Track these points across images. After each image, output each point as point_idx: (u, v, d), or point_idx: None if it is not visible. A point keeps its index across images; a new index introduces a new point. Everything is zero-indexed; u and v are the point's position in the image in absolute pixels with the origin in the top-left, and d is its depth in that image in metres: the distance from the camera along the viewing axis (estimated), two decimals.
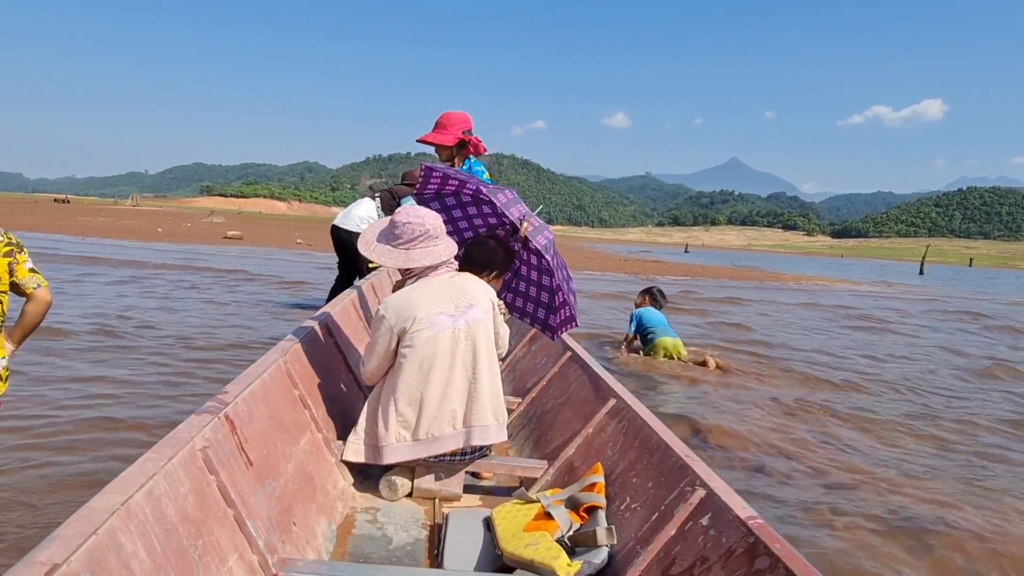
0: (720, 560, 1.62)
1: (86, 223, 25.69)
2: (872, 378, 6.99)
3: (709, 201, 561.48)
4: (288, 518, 1.98)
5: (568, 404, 3.15)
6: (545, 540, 2.00)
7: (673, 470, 2.05)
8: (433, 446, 2.47)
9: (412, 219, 2.52)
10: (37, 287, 2.38)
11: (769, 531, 1.58)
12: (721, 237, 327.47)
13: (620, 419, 2.61)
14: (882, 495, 3.59)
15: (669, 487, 2.00)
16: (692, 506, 1.85)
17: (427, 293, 2.51)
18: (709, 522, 1.76)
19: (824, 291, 20.20)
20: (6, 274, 2.27)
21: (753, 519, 1.64)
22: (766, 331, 9.85)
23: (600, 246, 59.18)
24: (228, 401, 1.96)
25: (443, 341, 2.47)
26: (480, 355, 2.52)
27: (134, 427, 3.66)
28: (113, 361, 5.11)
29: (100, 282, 9.73)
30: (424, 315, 2.46)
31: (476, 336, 2.52)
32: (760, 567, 1.50)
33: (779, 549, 1.49)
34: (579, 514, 2.18)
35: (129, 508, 1.30)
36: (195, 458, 1.64)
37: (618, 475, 2.32)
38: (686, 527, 1.82)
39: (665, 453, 2.16)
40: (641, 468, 2.23)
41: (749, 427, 4.64)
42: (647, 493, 2.09)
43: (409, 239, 2.52)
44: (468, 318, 2.51)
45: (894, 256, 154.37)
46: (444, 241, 2.61)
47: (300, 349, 2.76)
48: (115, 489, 1.33)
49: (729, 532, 1.66)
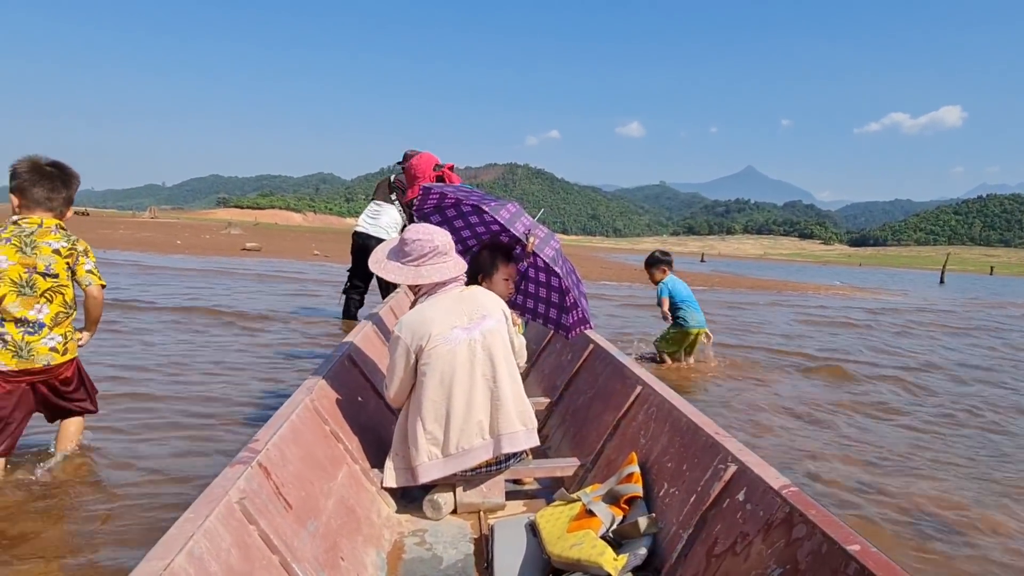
0: (760, 533, 1.64)
1: (106, 235, 25.95)
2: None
3: (724, 210, 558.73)
4: (335, 554, 2.00)
5: (597, 397, 3.17)
6: (589, 538, 2.02)
7: (704, 449, 2.07)
8: (464, 459, 2.50)
9: (421, 236, 2.57)
10: (89, 284, 2.98)
11: (804, 498, 1.59)
12: (737, 246, 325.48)
13: (648, 405, 2.63)
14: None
15: (703, 467, 2.02)
16: (726, 482, 1.86)
17: (440, 309, 2.55)
18: (745, 496, 1.77)
19: (849, 300, 19.93)
20: (67, 273, 2.92)
21: (787, 488, 1.65)
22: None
23: (615, 256, 58.87)
24: (259, 448, 1.98)
25: (460, 354, 2.50)
26: (499, 363, 2.54)
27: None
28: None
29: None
30: (439, 331, 2.50)
31: (492, 345, 2.54)
32: (798, 535, 1.51)
33: (815, 515, 1.50)
34: (620, 506, 2.19)
35: (172, 572, 1.32)
36: (232, 511, 1.66)
37: (653, 462, 2.34)
38: (723, 504, 1.84)
39: (695, 433, 2.18)
40: (674, 451, 2.25)
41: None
42: (683, 476, 2.11)
43: (419, 256, 2.57)
44: (482, 329, 2.54)
45: (913, 265, 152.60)
46: (453, 257, 2.65)
47: (325, 384, 2.78)
48: (156, 555, 1.35)
49: (765, 504, 1.68)
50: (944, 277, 45.52)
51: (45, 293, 2.85)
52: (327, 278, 14.63)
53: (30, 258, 2.81)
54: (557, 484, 2.81)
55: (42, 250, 2.84)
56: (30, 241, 2.82)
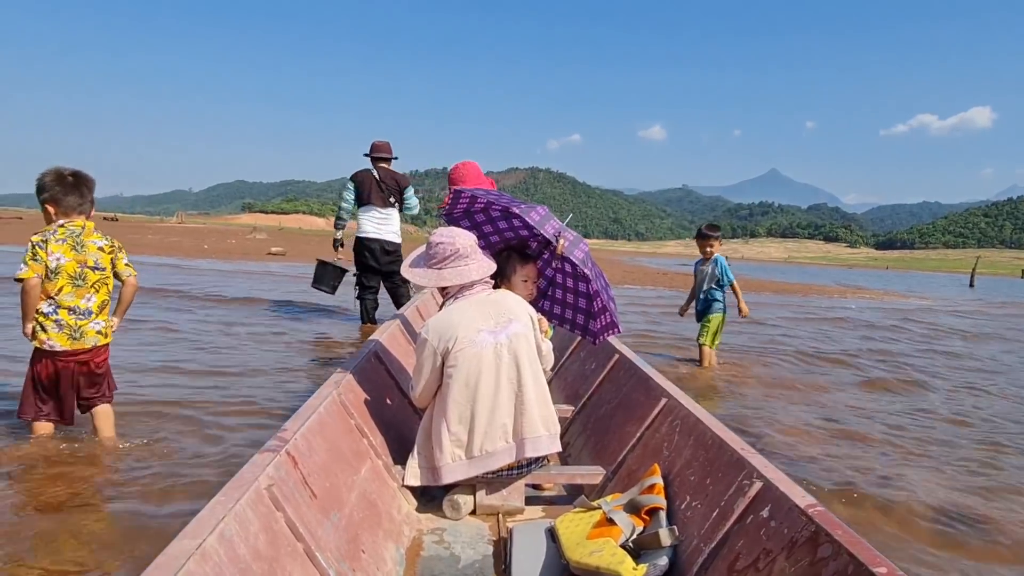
0: (784, 551, 1.62)
1: (136, 240, 26.40)
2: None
3: (748, 213, 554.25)
4: (356, 546, 2.03)
5: (621, 407, 3.17)
6: (609, 546, 2.01)
7: (729, 464, 2.06)
8: (488, 462, 2.52)
9: (444, 239, 2.62)
10: (129, 275, 3.46)
11: (830, 518, 1.58)
12: (761, 249, 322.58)
13: (673, 418, 2.63)
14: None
15: (727, 482, 2.01)
16: (751, 499, 1.85)
17: (466, 312, 2.58)
18: (769, 513, 1.76)
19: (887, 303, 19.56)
20: (111, 266, 3.40)
21: (813, 507, 1.64)
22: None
23: (638, 260, 58.66)
24: (288, 438, 2.02)
25: (486, 357, 2.52)
26: (524, 368, 2.56)
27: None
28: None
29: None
30: (465, 334, 2.52)
31: (518, 349, 2.56)
32: (823, 555, 1.50)
33: (841, 535, 1.49)
34: (641, 517, 2.18)
35: (204, 551, 1.36)
36: (262, 497, 1.70)
37: (676, 474, 2.33)
38: (747, 520, 1.82)
39: (720, 448, 2.17)
40: (698, 465, 2.24)
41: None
42: (706, 490, 2.10)
43: (441, 259, 2.62)
44: (509, 332, 2.56)
45: (942, 268, 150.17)
46: (477, 260, 2.67)
47: (352, 379, 2.84)
48: (189, 534, 1.39)
49: (790, 522, 1.66)
50: (974, 280, 44.70)
51: (94, 284, 3.31)
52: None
53: (81, 255, 3.27)
54: (577, 492, 2.81)
55: (89, 248, 3.30)
56: (80, 241, 3.27)
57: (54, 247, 3.20)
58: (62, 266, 3.20)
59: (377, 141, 7.60)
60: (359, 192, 7.42)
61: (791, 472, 3.10)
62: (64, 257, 3.21)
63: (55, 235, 3.21)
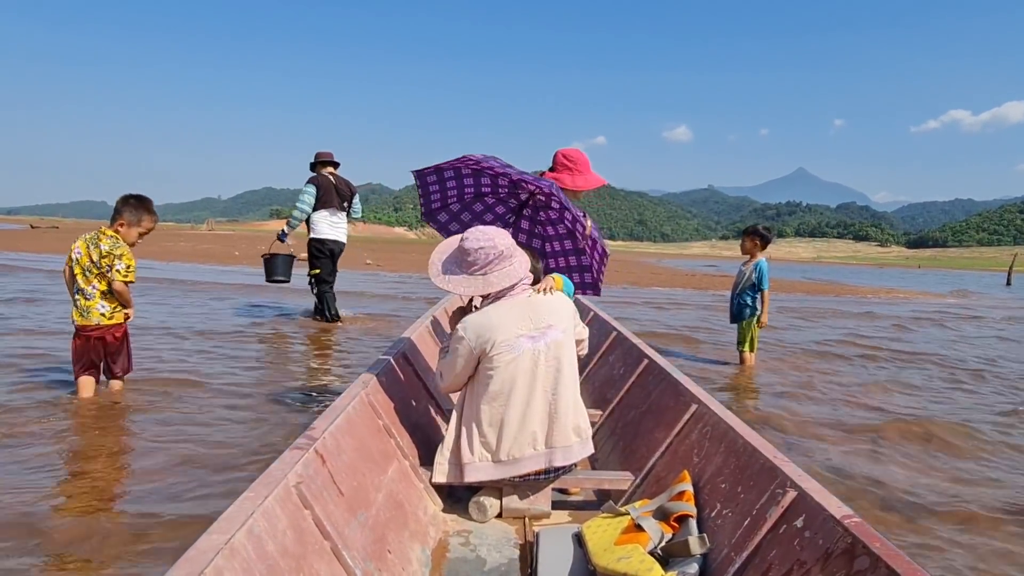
0: (819, 563, 1.58)
1: (168, 248, 26.86)
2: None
3: (775, 213, 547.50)
4: (383, 546, 2.03)
5: (650, 412, 3.14)
6: (638, 553, 1.98)
7: (762, 472, 2.02)
8: (514, 467, 2.50)
9: (484, 243, 2.48)
10: (113, 280, 4.16)
11: (867, 529, 1.54)
12: (789, 249, 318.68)
13: (703, 424, 2.59)
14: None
15: (759, 490, 1.97)
16: (784, 508, 1.81)
17: (506, 315, 2.51)
18: (803, 524, 1.72)
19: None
20: (106, 266, 4.15)
21: (849, 518, 1.60)
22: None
23: (665, 262, 58.19)
24: (316, 436, 2.03)
25: (524, 363, 2.48)
26: (563, 376, 2.52)
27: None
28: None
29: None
30: (504, 338, 2.48)
31: (558, 357, 2.52)
32: (860, 567, 1.46)
33: (879, 548, 1.45)
34: (669, 524, 2.15)
35: (232, 547, 1.37)
36: (290, 494, 1.71)
37: (706, 481, 2.29)
38: (780, 530, 1.78)
39: (752, 456, 2.13)
40: (729, 473, 2.20)
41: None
42: (737, 498, 2.06)
43: (484, 264, 2.49)
44: (548, 340, 2.51)
45: (975, 267, 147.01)
46: (518, 257, 2.57)
47: (381, 380, 2.85)
48: (218, 530, 1.40)
49: (825, 533, 1.62)
50: (1011, 279, 43.63)
51: (96, 275, 4.17)
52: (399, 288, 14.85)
53: (92, 253, 4.16)
54: (604, 497, 2.78)
55: (98, 248, 4.15)
56: (96, 241, 4.18)
57: (79, 244, 4.20)
58: (79, 259, 4.16)
59: (323, 150, 8.08)
60: (319, 195, 7.80)
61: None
62: (82, 252, 4.17)
63: (86, 236, 4.23)
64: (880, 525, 2.96)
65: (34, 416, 3.82)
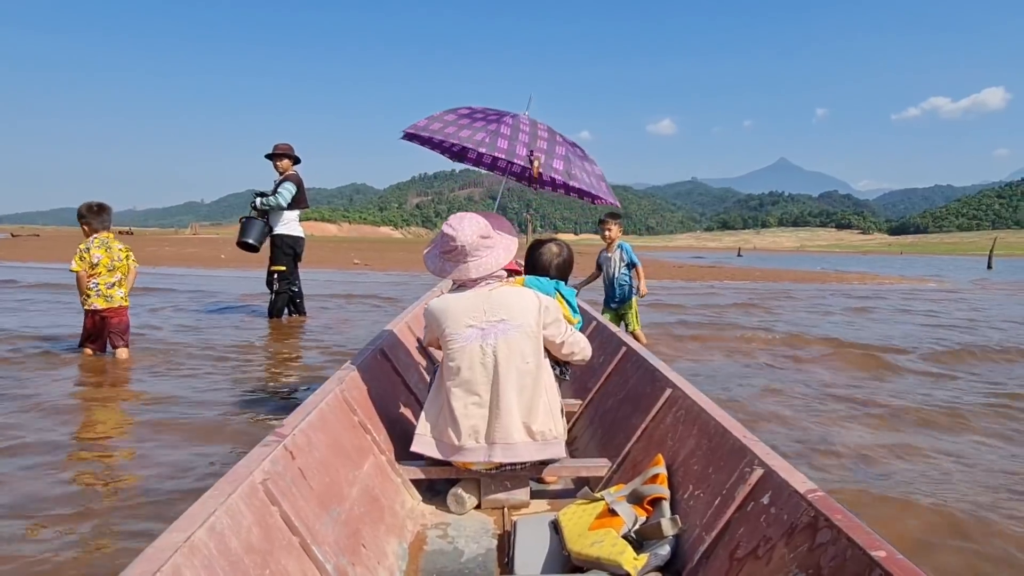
0: (783, 537, 1.60)
1: (153, 253, 26.65)
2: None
3: (758, 203, 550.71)
4: (356, 541, 2.02)
5: (627, 400, 3.15)
6: (610, 537, 2.00)
7: (732, 453, 2.04)
8: (456, 454, 2.50)
9: (448, 231, 2.50)
10: (134, 266, 5.78)
11: (830, 503, 1.55)
12: (773, 239, 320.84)
13: (678, 407, 2.60)
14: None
15: (729, 470, 1.99)
16: (752, 486, 1.83)
17: (460, 304, 2.52)
18: (769, 500, 1.73)
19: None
20: (126, 260, 5.67)
21: (813, 492, 1.61)
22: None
23: (651, 254, 58.41)
24: (286, 433, 2.02)
25: (472, 354, 2.48)
26: (507, 372, 2.46)
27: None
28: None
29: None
30: (452, 328, 2.50)
31: (505, 352, 2.47)
32: (823, 540, 1.48)
33: (840, 520, 1.47)
34: (643, 507, 2.16)
35: (192, 544, 1.36)
36: (256, 491, 1.70)
37: (679, 464, 2.31)
38: (748, 508, 1.80)
39: (723, 437, 2.14)
40: (701, 454, 2.22)
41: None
42: (708, 479, 2.08)
43: (447, 251, 2.53)
44: (498, 333, 2.48)
45: (956, 251, 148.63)
46: (482, 257, 2.53)
47: (357, 376, 2.84)
48: (179, 528, 1.39)
49: (790, 508, 1.64)
50: (992, 262, 44.18)
51: (118, 269, 5.56)
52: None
53: (109, 255, 5.52)
54: (583, 484, 2.78)
55: (114, 250, 5.56)
56: (109, 245, 5.54)
57: (95, 251, 5.44)
58: (100, 262, 5.44)
59: (285, 143, 7.92)
60: (296, 196, 7.72)
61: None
62: (100, 256, 5.45)
63: (93, 244, 5.46)
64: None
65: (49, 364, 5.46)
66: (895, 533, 2.71)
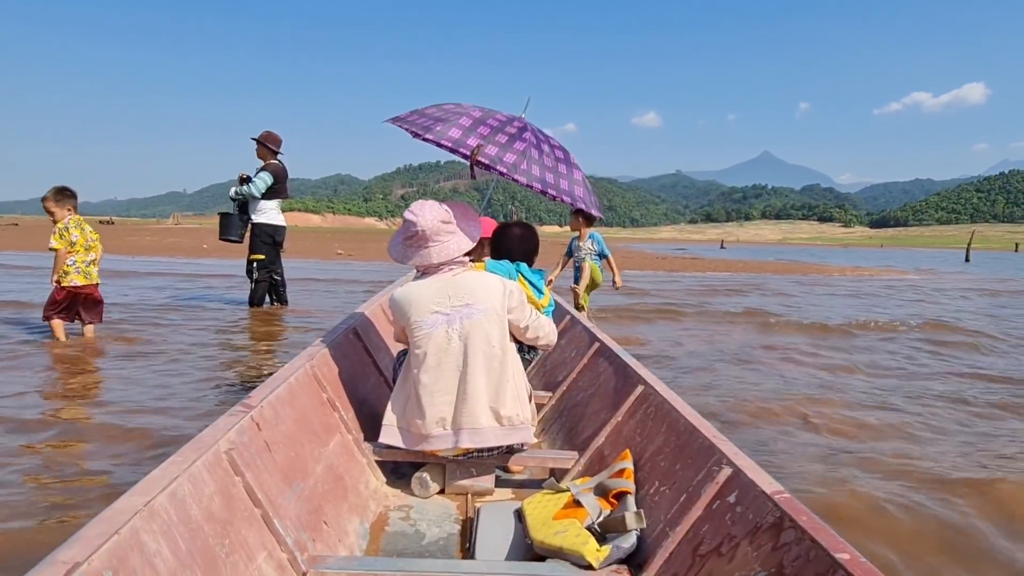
0: (747, 536, 1.61)
1: (133, 243, 26.33)
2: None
3: (742, 196, 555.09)
4: (319, 517, 2.01)
5: (598, 394, 3.15)
6: (574, 527, 2.00)
7: (700, 451, 2.04)
8: (424, 442, 2.47)
9: (408, 217, 2.50)
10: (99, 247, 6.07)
11: (795, 504, 1.56)
12: (756, 232, 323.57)
13: (648, 405, 2.60)
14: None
15: (696, 468, 1.99)
16: (719, 485, 1.83)
17: (424, 291, 2.50)
18: (736, 499, 1.74)
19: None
20: (96, 238, 5.96)
21: (779, 493, 1.62)
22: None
23: (635, 246, 58.80)
24: (254, 405, 2.00)
25: (437, 340, 2.46)
26: (474, 356, 2.44)
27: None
28: None
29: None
30: (417, 316, 2.47)
31: (470, 336, 2.45)
32: (786, 540, 1.48)
33: (805, 521, 1.47)
34: (608, 500, 2.17)
35: (152, 509, 1.34)
36: (220, 460, 1.67)
37: (647, 460, 2.31)
38: (713, 506, 1.81)
39: (692, 435, 2.14)
40: (669, 451, 2.22)
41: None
42: (675, 475, 2.08)
43: (409, 236, 2.52)
44: (463, 317, 2.46)
45: (936, 244, 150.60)
46: (443, 242, 2.51)
47: (328, 353, 2.80)
48: (139, 491, 1.37)
49: (755, 508, 1.65)
50: (969, 255, 44.78)
51: (92, 247, 5.85)
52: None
53: (85, 234, 5.79)
54: (549, 476, 2.77)
55: (87, 231, 5.84)
56: (82, 226, 5.80)
57: (72, 231, 5.68)
58: (78, 241, 5.70)
59: (276, 134, 7.85)
60: (274, 185, 7.63)
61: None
62: (77, 235, 5.71)
63: (70, 224, 5.69)
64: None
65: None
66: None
